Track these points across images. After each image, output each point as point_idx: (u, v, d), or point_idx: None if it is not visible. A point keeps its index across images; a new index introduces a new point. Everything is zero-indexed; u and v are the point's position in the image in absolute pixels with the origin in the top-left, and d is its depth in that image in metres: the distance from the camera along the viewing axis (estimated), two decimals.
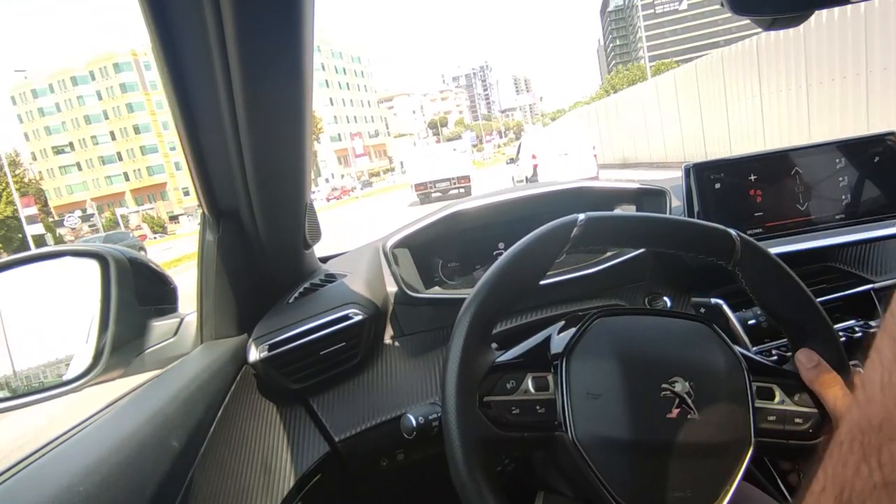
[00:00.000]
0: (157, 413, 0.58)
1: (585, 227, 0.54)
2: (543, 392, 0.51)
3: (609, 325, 0.55)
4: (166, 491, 0.52)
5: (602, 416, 0.49)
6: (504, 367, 0.52)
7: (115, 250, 0.78)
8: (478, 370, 0.51)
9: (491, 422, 0.49)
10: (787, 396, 0.54)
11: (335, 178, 72.78)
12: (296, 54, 0.55)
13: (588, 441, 0.48)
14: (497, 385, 0.51)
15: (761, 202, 0.95)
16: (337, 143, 75.99)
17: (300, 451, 0.78)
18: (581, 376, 0.51)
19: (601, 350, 0.53)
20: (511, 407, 0.50)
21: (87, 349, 0.75)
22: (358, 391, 0.85)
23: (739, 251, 0.55)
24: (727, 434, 0.50)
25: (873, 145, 0.95)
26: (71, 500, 0.42)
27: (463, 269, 1.10)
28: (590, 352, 0.52)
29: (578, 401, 0.50)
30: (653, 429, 0.49)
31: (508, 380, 0.51)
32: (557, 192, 1.05)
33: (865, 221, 0.97)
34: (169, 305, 0.86)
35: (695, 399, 0.49)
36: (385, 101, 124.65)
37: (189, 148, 0.67)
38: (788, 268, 0.55)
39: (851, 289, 1.01)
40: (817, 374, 0.53)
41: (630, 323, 0.56)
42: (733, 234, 0.55)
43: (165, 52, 0.56)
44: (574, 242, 0.54)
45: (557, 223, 0.54)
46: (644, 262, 0.98)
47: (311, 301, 0.87)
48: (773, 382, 0.54)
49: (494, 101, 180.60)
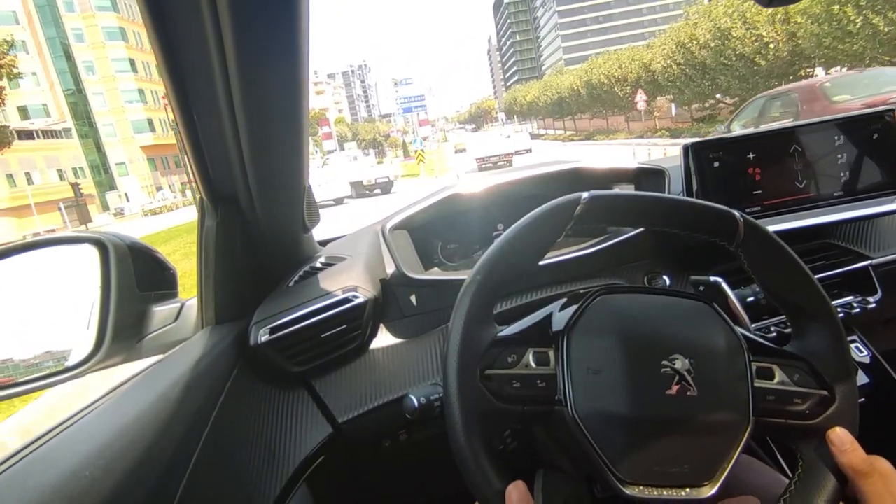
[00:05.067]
0: (160, 398, 0.59)
1: (590, 205, 0.53)
2: (544, 367, 0.51)
3: (610, 303, 0.55)
4: (170, 475, 0.53)
5: (602, 392, 0.50)
6: (505, 342, 0.52)
7: (114, 236, 0.77)
8: (479, 344, 0.51)
9: (491, 394, 0.50)
10: (786, 377, 0.54)
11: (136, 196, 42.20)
12: (292, 37, 0.54)
13: (587, 416, 0.49)
14: (498, 359, 0.51)
15: (760, 180, 0.95)
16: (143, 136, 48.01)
17: (303, 434, 0.79)
18: (582, 352, 0.51)
19: (602, 327, 0.53)
20: (512, 380, 0.51)
21: (89, 335, 0.75)
22: (360, 373, 0.86)
23: (742, 232, 0.55)
24: (726, 412, 0.50)
25: (872, 122, 0.95)
26: (78, 484, 0.43)
27: (462, 251, 1.10)
28: (591, 329, 0.53)
29: (579, 376, 0.50)
30: (652, 405, 0.49)
31: (510, 354, 0.52)
32: (555, 172, 1.04)
33: (864, 198, 0.97)
34: (169, 291, 0.86)
35: (694, 376, 0.49)
36: None
37: (186, 133, 0.66)
38: (790, 249, 0.55)
39: (850, 265, 1.02)
40: (850, 459, 0.50)
41: (631, 301, 0.56)
42: (737, 216, 0.55)
43: (161, 36, 0.56)
44: (577, 220, 0.54)
45: (561, 201, 0.54)
46: (643, 242, 0.98)
47: (312, 284, 0.88)
48: (773, 363, 0.54)
49: (374, 105, 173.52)
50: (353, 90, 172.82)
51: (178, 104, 0.63)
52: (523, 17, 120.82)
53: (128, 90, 47.07)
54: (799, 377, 0.54)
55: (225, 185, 0.74)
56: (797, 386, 0.54)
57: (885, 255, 1.04)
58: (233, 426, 0.70)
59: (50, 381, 0.72)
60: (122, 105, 46.83)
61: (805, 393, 0.53)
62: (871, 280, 1.01)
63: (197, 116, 0.65)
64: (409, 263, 0.94)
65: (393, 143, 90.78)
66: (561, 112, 40.25)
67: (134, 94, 47.55)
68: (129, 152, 47.55)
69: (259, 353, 0.79)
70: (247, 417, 0.75)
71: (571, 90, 33.24)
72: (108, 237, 0.76)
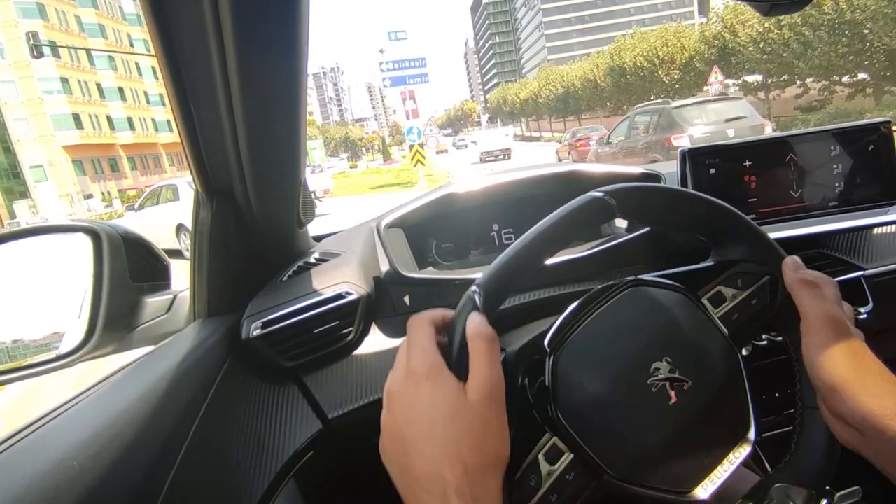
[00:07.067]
0: (150, 389, 0.59)
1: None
2: (561, 460, 0.48)
3: (574, 347, 0.52)
4: (159, 466, 0.53)
5: (618, 442, 0.48)
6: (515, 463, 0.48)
7: (108, 226, 0.77)
8: None
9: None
10: (732, 289, 0.56)
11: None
12: (291, 30, 0.54)
13: (621, 469, 0.47)
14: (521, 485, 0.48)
15: (755, 188, 0.96)
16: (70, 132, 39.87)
17: (293, 429, 0.79)
18: (577, 419, 0.48)
19: (580, 379, 0.50)
20: (549, 496, 0.48)
21: (80, 324, 0.75)
22: (351, 369, 0.86)
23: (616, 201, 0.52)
24: (720, 378, 0.51)
25: (868, 133, 0.96)
26: (64, 474, 0.42)
27: (457, 251, 1.10)
28: (572, 384, 0.50)
29: (589, 440, 0.48)
30: (665, 423, 0.48)
31: (529, 477, 0.48)
32: (552, 174, 1.05)
33: (858, 209, 0.98)
34: (162, 282, 0.86)
35: (681, 371, 0.49)
36: None
37: (184, 126, 0.66)
38: (664, 186, 0.57)
39: (842, 275, 1.02)
40: (801, 274, 0.53)
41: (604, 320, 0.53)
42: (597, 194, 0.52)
43: (160, 27, 0.55)
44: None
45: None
46: (636, 247, 0.98)
47: (305, 279, 0.88)
48: (714, 286, 0.56)
49: (347, 109, 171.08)
50: (325, 92, 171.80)
51: (175, 95, 0.62)
52: (503, 18, 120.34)
53: (47, 78, 38.83)
54: (741, 280, 0.57)
55: (221, 178, 0.74)
56: (745, 289, 0.56)
57: (878, 266, 1.04)
58: (222, 419, 0.70)
59: (40, 369, 0.72)
60: (39, 96, 38.86)
61: (756, 289, 0.56)
62: (864, 291, 1.02)
63: (195, 108, 0.65)
64: (403, 262, 0.94)
65: (369, 142, 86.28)
66: (566, 109, 36.59)
67: (55, 82, 39.23)
68: (48, 153, 39.27)
69: (250, 346, 0.79)
70: (236, 411, 0.75)
71: (586, 81, 29.76)
72: (101, 226, 0.76)
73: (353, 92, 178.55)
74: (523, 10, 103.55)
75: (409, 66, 16.73)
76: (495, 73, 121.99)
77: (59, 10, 39.39)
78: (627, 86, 25.29)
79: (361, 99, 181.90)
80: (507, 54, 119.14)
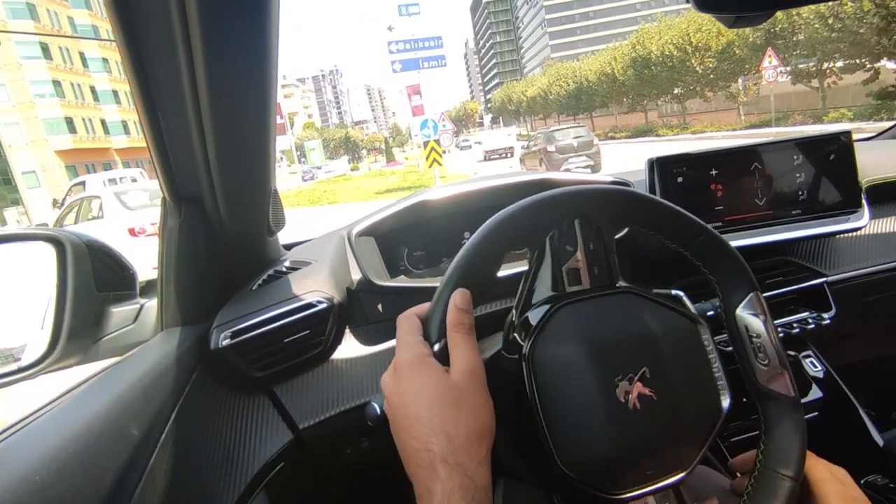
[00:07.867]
0: (116, 401, 0.58)
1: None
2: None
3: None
4: (125, 480, 0.52)
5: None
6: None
7: (72, 234, 0.76)
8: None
9: None
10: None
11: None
12: (260, 37, 0.54)
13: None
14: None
15: (721, 196, 0.98)
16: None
17: (263, 440, 0.78)
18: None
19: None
20: None
21: (43, 335, 0.73)
22: (322, 379, 0.85)
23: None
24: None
25: (829, 143, 0.98)
26: (27, 489, 0.41)
27: (429, 259, 1.10)
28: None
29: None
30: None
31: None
32: (523, 182, 1.06)
33: (820, 217, 1.00)
34: (128, 291, 0.84)
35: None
36: None
37: (150, 131, 0.65)
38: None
39: (806, 282, 1.05)
40: (808, 469, 0.53)
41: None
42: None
43: (126, 33, 0.55)
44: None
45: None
46: None
47: (276, 288, 0.87)
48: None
49: (346, 112, 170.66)
50: (325, 95, 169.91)
51: (142, 100, 0.62)
52: (504, 17, 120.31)
53: (39, 81, 37.12)
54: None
55: (189, 186, 0.74)
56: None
57: (840, 272, 1.07)
58: (191, 431, 0.69)
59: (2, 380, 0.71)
60: (31, 100, 36.93)
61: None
62: (826, 297, 1.04)
63: (161, 114, 0.64)
64: (374, 270, 0.94)
65: (371, 143, 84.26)
66: (577, 106, 34.18)
67: (47, 85, 37.44)
68: (41, 159, 37.49)
69: (220, 357, 0.78)
70: (206, 422, 0.74)
71: (602, 75, 27.58)
72: (64, 235, 0.75)
73: (352, 94, 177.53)
74: (525, 8, 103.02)
75: (422, 45, 13.80)
76: (497, 74, 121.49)
77: (52, 10, 37.91)
78: (651, 77, 22.47)
79: (361, 101, 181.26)
80: (508, 53, 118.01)
